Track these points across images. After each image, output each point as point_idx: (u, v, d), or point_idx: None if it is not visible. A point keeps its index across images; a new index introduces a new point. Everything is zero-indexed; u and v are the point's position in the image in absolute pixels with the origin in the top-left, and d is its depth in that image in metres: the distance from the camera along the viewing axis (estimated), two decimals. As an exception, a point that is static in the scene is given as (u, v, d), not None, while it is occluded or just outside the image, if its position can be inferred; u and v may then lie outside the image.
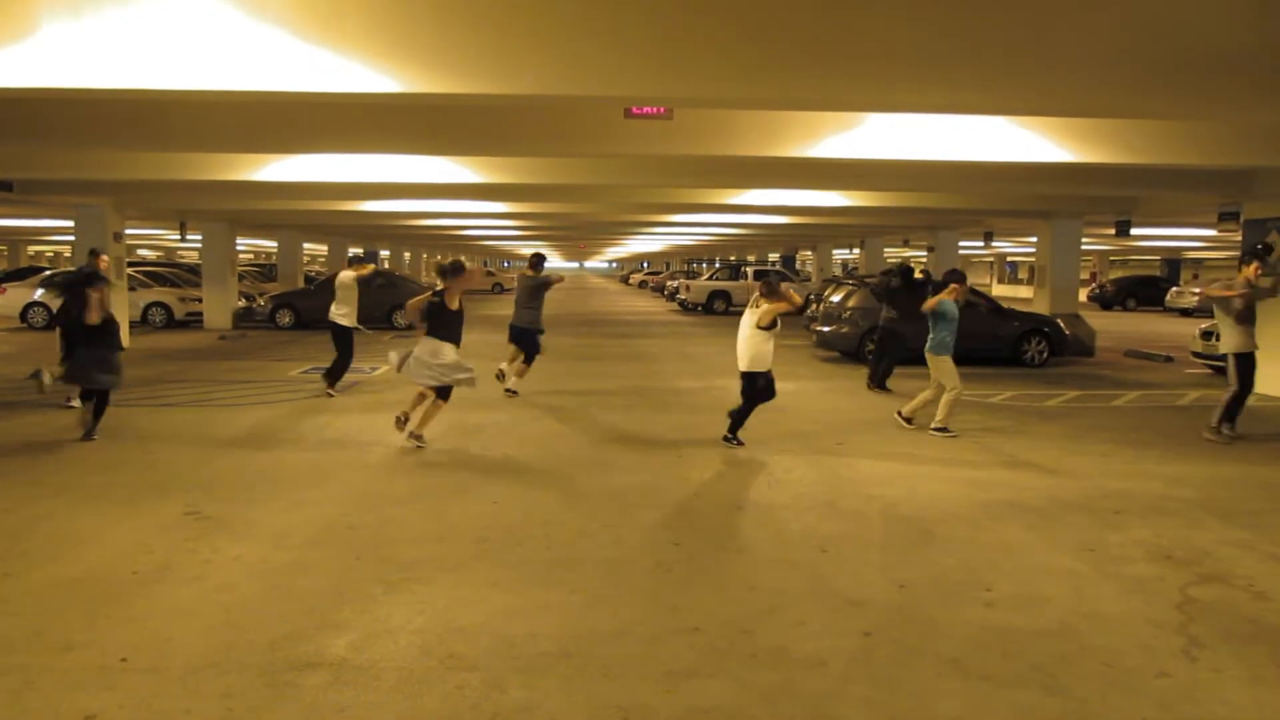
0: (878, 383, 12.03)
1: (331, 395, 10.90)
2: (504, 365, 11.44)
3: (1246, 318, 8.79)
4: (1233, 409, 8.91)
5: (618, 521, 6.13)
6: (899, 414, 9.44)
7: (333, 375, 11.12)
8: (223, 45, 5.70)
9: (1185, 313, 30.90)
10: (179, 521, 5.96)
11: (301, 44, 5.70)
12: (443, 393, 8.26)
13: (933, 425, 9.04)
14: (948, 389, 9.09)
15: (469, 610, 4.57)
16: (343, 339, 11.04)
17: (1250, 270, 8.84)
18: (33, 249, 48.36)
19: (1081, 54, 6.01)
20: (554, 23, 5.84)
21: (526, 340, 11.34)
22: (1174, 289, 34.46)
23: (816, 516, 6.28)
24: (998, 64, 6.01)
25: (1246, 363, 8.81)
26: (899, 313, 11.96)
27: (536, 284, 11.52)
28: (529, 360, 11.36)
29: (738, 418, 8.39)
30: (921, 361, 9.47)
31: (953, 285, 9.35)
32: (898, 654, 4.14)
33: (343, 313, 10.99)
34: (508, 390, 11.15)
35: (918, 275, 12.62)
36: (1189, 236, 29.85)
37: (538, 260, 11.99)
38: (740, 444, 8.33)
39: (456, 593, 4.81)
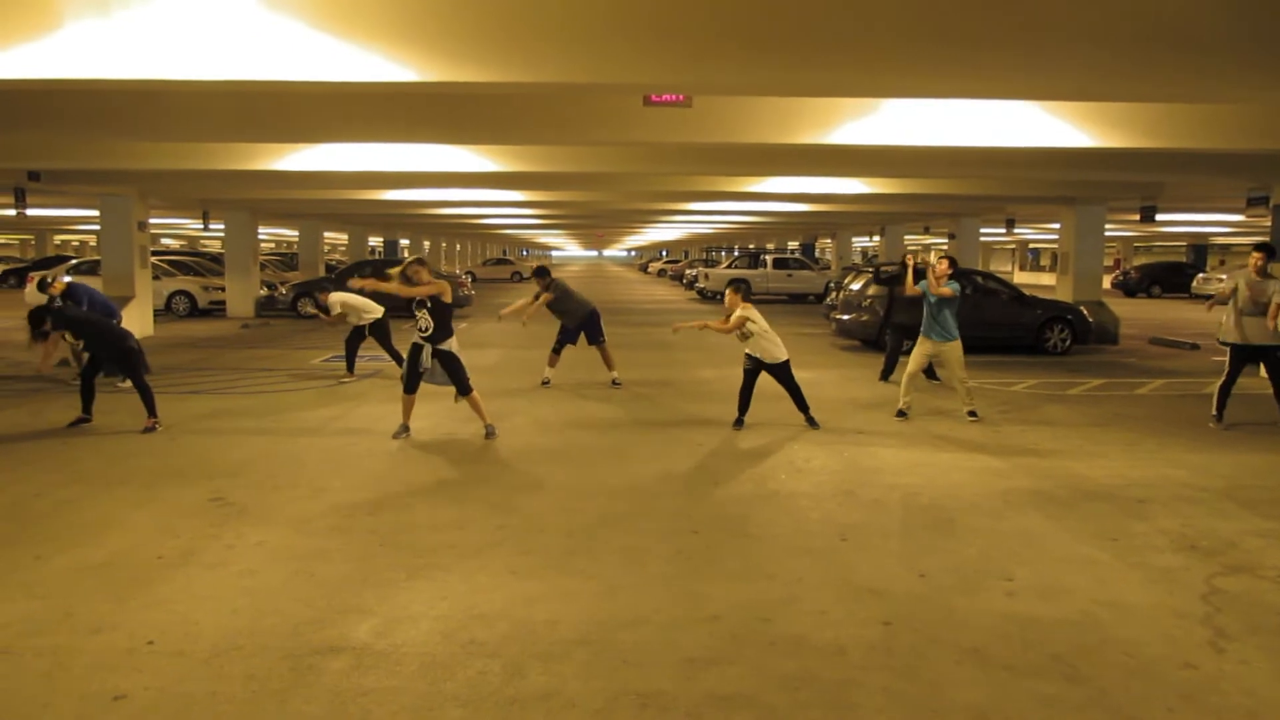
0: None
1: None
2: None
3: None
4: None
5: (637, 509, 6.14)
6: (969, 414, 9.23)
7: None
8: (244, 36, 5.73)
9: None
10: (203, 507, 6.03)
11: (321, 34, 5.71)
12: (409, 390, 8.21)
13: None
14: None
15: (489, 597, 4.60)
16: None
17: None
18: (59, 238, 48.96)
19: (1093, 36, 5.94)
20: (573, 11, 5.82)
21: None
22: (1200, 275, 34.00)
23: (836, 505, 6.27)
24: (1009, 48, 5.95)
25: None
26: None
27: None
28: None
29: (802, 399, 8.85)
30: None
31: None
32: (917, 643, 4.13)
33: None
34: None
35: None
36: (1216, 222, 29.44)
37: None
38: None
39: (477, 579, 4.84)
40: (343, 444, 8.01)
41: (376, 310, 11.54)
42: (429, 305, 7.92)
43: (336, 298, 11.48)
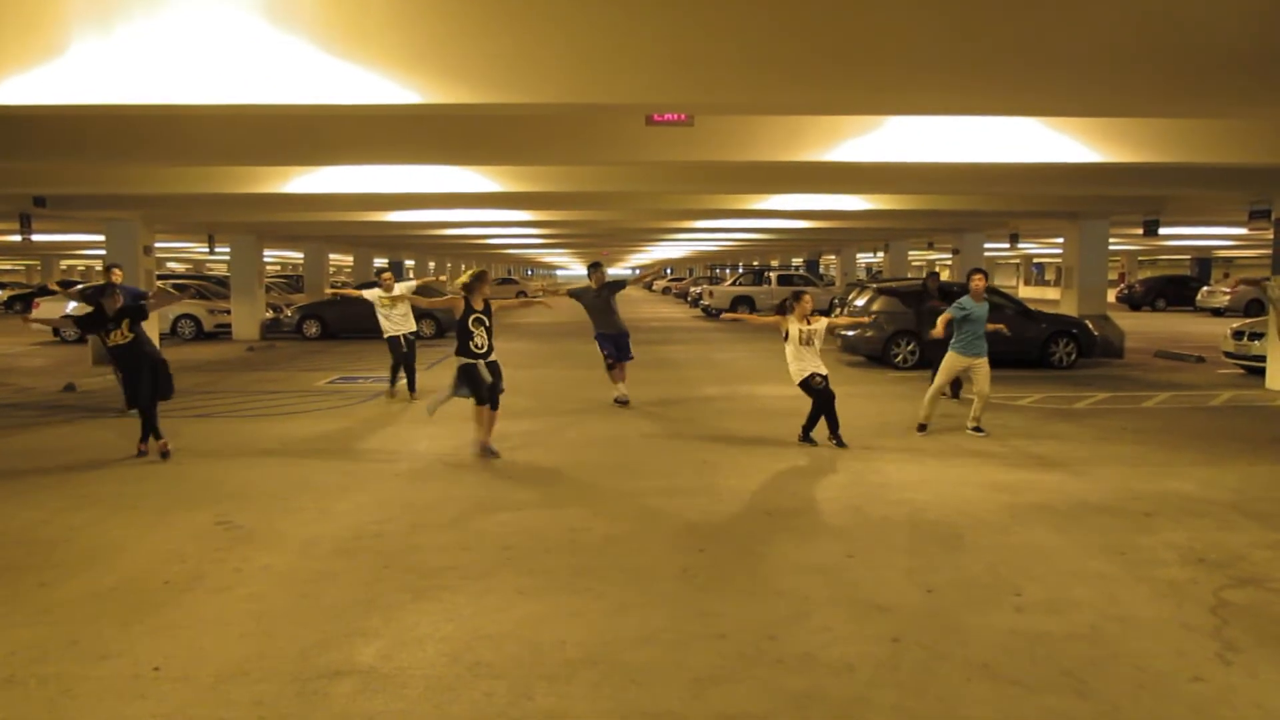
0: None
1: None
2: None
3: None
4: None
5: (643, 528, 6.13)
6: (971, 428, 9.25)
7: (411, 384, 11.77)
8: (248, 60, 5.78)
9: (1216, 312, 30.45)
10: (209, 531, 6.04)
11: (325, 57, 5.77)
12: (484, 400, 8.19)
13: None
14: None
15: (496, 618, 4.60)
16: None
17: None
18: (65, 263, 49.24)
19: (1098, 54, 5.96)
20: (575, 32, 5.87)
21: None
22: (1205, 288, 33.96)
23: (843, 521, 6.25)
24: (1014, 66, 5.97)
25: None
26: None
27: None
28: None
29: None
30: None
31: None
32: (926, 659, 4.11)
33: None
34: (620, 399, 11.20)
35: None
36: (1219, 235, 29.42)
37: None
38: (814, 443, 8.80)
39: (483, 600, 4.83)
40: (349, 466, 8.02)
41: (413, 323, 11.70)
42: (486, 324, 8.05)
43: (405, 286, 11.67)
